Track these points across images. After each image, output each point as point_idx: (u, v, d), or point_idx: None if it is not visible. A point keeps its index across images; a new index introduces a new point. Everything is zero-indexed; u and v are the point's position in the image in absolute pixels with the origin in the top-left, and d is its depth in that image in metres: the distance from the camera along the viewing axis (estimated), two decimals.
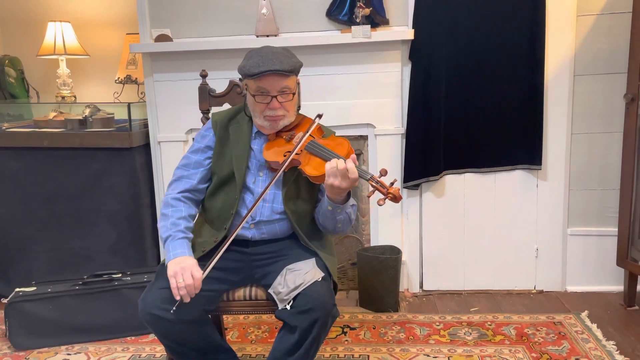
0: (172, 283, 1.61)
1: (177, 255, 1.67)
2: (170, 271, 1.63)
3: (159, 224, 1.79)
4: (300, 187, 1.80)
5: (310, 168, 1.70)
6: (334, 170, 1.60)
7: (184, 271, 1.62)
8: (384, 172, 1.62)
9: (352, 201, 1.76)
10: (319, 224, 1.82)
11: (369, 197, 1.70)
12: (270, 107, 1.74)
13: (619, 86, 2.64)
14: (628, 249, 2.57)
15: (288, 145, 1.77)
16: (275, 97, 1.73)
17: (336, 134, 1.89)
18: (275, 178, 1.72)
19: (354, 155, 1.66)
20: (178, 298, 1.61)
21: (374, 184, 1.61)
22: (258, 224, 1.80)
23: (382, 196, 1.59)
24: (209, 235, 1.82)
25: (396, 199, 1.58)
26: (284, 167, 1.71)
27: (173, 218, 1.75)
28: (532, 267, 2.84)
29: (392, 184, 1.61)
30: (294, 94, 1.78)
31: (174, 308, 1.62)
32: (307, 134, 1.74)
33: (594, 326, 2.43)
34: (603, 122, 2.73)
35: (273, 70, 1.68)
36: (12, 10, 3.41)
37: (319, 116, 1.79)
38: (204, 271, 1.65)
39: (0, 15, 3.43)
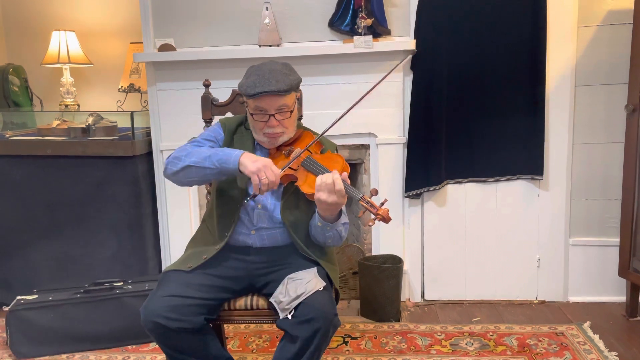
0: (255, 180, 1.65)
1: (244, 152, 1.71)
2: (252, 167, 1.66)
3: (186, 160, 1.74)
4: (299, 199, 1.81)
5: (306, 186, 1.72)
6: (322, 184, 1.62)
7: (266, 169, 1.66)
8: (374, 192, 1.63)
9: (343, 219, 1.75)
10: (311, 234, 1.82)
11: (359, 217, 1.71)
12: (268, 125, 1.76)
13: (620, 97, 2.64)
14: (630, 260, 2.56)
15: (287, 161, 1.79)
16: (273, 115, 1.75)
17: (337, 149, 1.91)
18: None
19: (345, 173, 1.67)
20: (258, 192, 1.67)
21: (364, 204, 1.61)
22: (259, 230, 1.81)
23: (372, 217, 1.60)
24: (211, 243, 1.82)
25: (385, 220, 1.58)
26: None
27: (201, 148, 1.79)
28: (533, 277, 2.84)
29: (382, 204, 1.61)
30: (291, 111, 1.79)
31: (250, 198, 1.72)
32: (304, 151, 1.76)
33: (596, 337, 2.42)
34: (604, 133, 2.74)
35: (268, 91, 1.69)
36: (17, 19, 3.45)
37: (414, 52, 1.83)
38: (282, 169, 1.70)
39: (5, 24, 3.46)
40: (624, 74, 2.59)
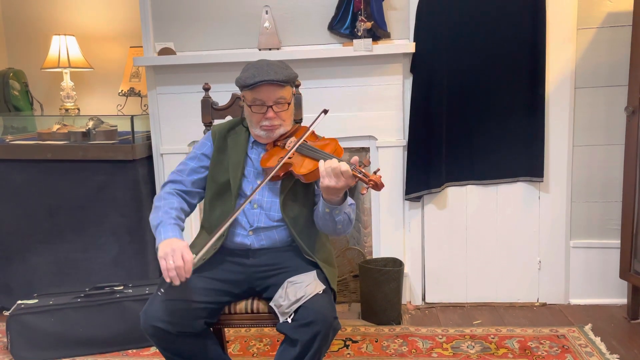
0: (162, 264, 1.58)
1: (168, 238, 1.66)
2: (160, 252, 1.62)
3: (151, 216, 1.78)
4: (298, 195, 1.81)
5: (303, 169, 1.71)
6: (328, 170, 1.60)
7: (174, 253, 1.59)
8: (367, 163, 1.62)
9: (350, 200, 1.74)
10: (319, 227, 1.81)
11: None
12: (266, 117, 1.78)
13: (620, 99, 2.64)
14: (631, 262, 2.56)
15: (285, 152, 1.79)
16: (271, 107, 1.77)
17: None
18: (267, 178, 1.72)
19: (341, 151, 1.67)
20: (168, 280, 1.58)
21: (356, 174, 1.59)
22: (256, 230, 1.81)
23: (364, 185, 1.59)
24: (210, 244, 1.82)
25: (377, 186, 1.56)
26: (278, 167, 1.72)
27: (165, 207, 1.76)
28: (535, 280, 2.83)
29: (374, 172, 1.59)
30: (289, 103, 1.81)
31: (162, 290, 1.62)
32: (301, 140, 1.76)
33: (597, 339, 2.41)
34: (604, 135, 2.74)
35: (268, 80, 1.72)
36: (18, 23, 3.45)
37: (325, 112, 1.81)
38: (196, 256, 1.64)
39: (6, 28, 3.47)
40: (624, 76, 2.59)
